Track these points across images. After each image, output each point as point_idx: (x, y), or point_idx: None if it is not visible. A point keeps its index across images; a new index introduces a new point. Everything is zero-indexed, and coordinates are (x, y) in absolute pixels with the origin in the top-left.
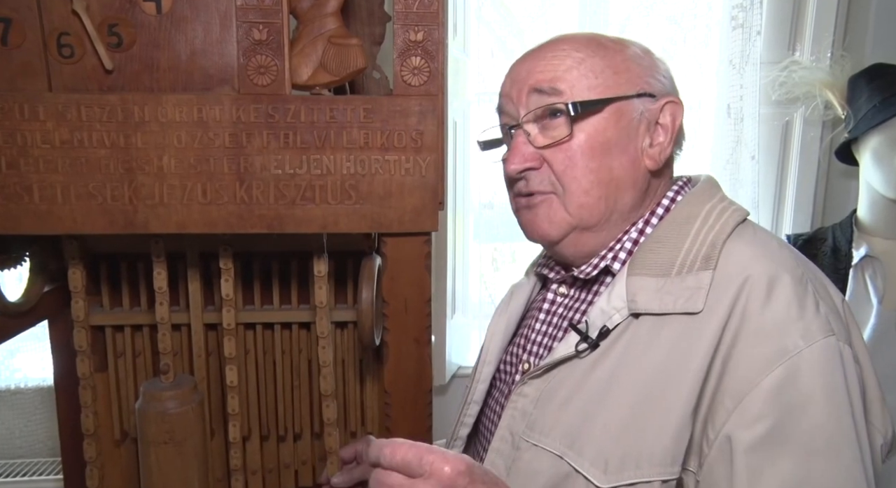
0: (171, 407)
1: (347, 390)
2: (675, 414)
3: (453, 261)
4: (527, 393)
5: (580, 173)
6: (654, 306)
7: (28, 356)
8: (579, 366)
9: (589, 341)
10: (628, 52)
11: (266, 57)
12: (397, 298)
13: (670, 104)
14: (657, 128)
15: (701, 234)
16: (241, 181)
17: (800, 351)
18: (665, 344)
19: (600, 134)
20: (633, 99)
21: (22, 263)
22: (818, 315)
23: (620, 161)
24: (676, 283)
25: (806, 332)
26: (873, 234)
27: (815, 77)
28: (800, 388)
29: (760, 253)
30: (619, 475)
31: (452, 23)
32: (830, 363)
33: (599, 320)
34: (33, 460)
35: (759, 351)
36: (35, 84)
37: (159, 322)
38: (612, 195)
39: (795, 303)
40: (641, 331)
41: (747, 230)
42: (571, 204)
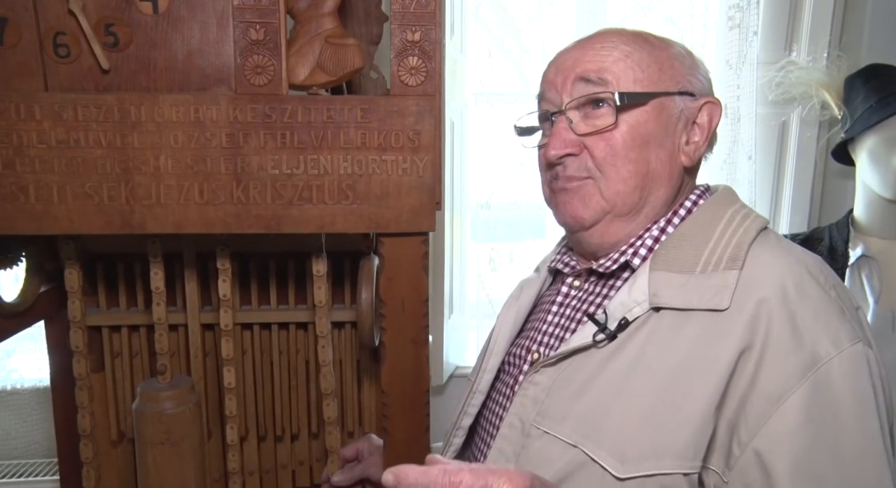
0: (168, 408)
1: (345, 390)
2: (698, 408)
3: (451, 261)
4: (539, 381)
5: (620, 162)
6: (678, 301)
7: (24, 356)
8: (596, 356)
9: (607, 332)
10: (673, 50)
11: (263, 57)
12: (394, 298)
13: (709, 104)
14: (694, 127)
15: (725, 236)
16: (238, 181)
17: (831, 358)
18: (688, 338)
19: (642, 126)
20: (675, 96)
21: (18, 263)
22: (844, 320)
23: (658, 154)
24: (701, 281)
25: (836, 339)
26: (869, 234)
27: (812, 77)
28: (832, 396)
29: (786, 258)
30: (639, 466)
31: (450, 23)
32: (860, 369)
33: (619, 312)
34: (30, 461)
35: (792, 358)
36: (31, 84)
37: (156, 322)
38: (648, 186)
39: (823, 309)
40: (663, 325)
41: (770, 236)
42: (608, 190)
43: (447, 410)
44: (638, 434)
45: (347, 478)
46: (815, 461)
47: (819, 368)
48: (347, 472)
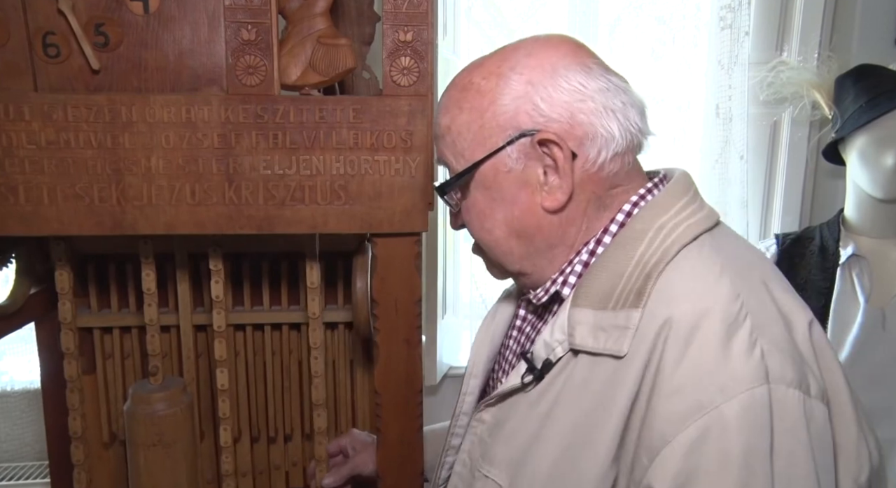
0: (160, 410)
1: (338, 391)
2: (596, 463)
3: (444, 261)
4: (484, 419)
5: (478, 234)
6: (589, 343)
7: (14, 358)
8: (524, 400)
9: (534, 373)
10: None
11: (255, 57)
12: (387, 299)
13: (543, 140)
14: (546, 168)
15: (644, 258)
16: (230, 182)
17: (716, 406)
18: (595, 387)
19: (475, 203)
20: (502, 150)
21: (8, 265)
22: (748, 360)
23: (513, 213)
24: (610, 319)
25: (726, 384)
26: (860, 233)
27: (803, 77)
28: (712, 452)
29: (691, 286)
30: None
31: (442, 23)
32: (753, 420)
33: (543, 352)
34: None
35: (674, 406)
36: (20, 84)
37: (148, 323)
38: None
39: (719, 348)
40: (578, 370)
41: (693, 252)
42: (495, 259)
43: (441, 410)
44: (547, 485)
45: (337, 479)
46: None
47: (701, 418)
48: (335, 474)
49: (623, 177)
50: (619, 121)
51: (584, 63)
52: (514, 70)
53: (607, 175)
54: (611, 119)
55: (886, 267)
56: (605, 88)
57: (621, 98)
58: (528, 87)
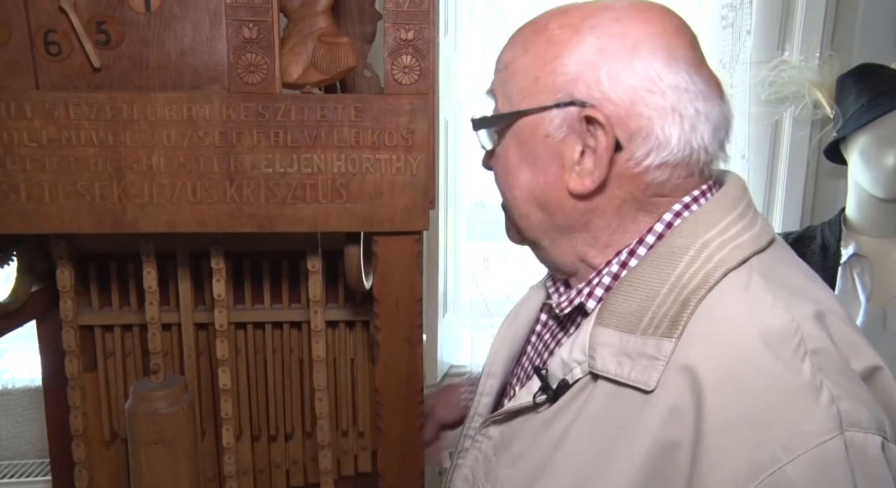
0: (162, 408)
1: (339, 389)
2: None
3: (445, 260)
4: (491, 435)
5: (501, 189)
6: (612, 369)
7: (16, 356)
8: (534, 421)
9: (548, 393)
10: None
11: (256, 55)
12: (388, 297)
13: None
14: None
15: (682, 281)
16: (231, 180)
17: (780, 465)
18: (615, 421)
19: (505, 154)
20: (551, 110)
21: (9, 263)
22: (815, 406)
23: (538, 181)
24: (638, 345)
25: (790, 438)
26: (861, 233)
27: (804, 77)
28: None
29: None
30: None
31: (443, 21)
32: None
33: (560, 372)
34: (21, 461)
35: (728, 467)
36: (21, 82)
37: (149, 322)
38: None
39: (781, 396)
40: (597, 396)
41: (740, 277)
42: (510, 216)
43: None
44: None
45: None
46: None
47: (762, 480)
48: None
49: (669, 188)
50: (684, 129)
51: (673, 51)
52: (593, 30)
53: (650, 181)
54: (674, 123)
55: (888, 266)
56: (683, 88)
57: (697, 105)
58: (598, 56)
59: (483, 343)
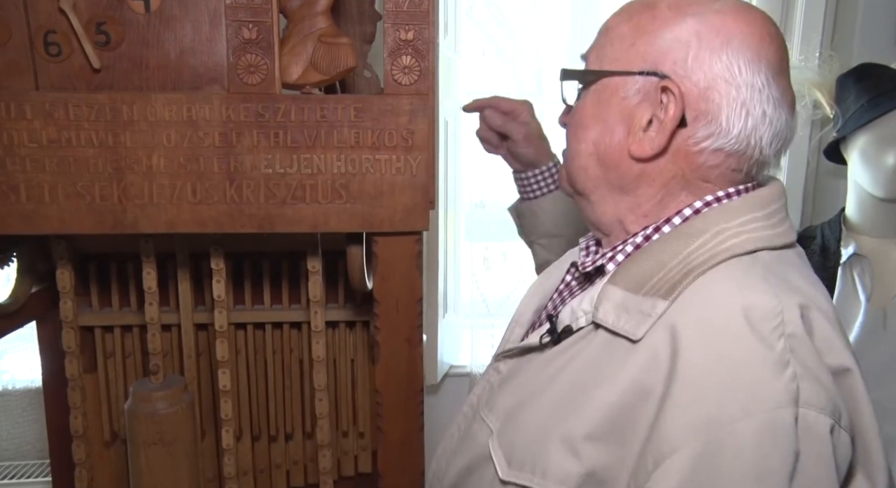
0: (161, 408)
1: (339, 389)
2: (578, 432)
3: (445, 260)
4: (501, 369)
5: (570, 141)
6: (609, 320)
7: (16, 357)
8: (538, 359)
9: (553, 336)
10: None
11: (256, 56)
12: (388, 298)
13: (666, 89)
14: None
15: (692, 256)
16: (231, 180)
17: (733, 422)
18: (603, 363)
19: (583, 108)
20: (635, 76)
21: (9, 264)
22: (778, 379)
23: (605, 140)
24: (637, 302)
25: (749, 401)
26: (861, 233)
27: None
28: (719, 471)
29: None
30: (518, 473)
31: (443, 22)
32: (773, 443)
33: (567, 318)
34: (21, 462)
35: (688, 415)
36: (21, 82)
37: (149, 322)
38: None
39: (748, 363)
40: (595, 342)
41: (742, 263)
42: (569, 166)
43: (442, 410)
44: (528, 443)
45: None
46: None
47: (712, 431)
48: (498, 117)
49: (716, 176)
50: (746, 125)
51: (760, 53)
52: (695, 16)
53: (701, 163)
54: (739, 117)
55: (888, 266)
56: (758, 88)
57: (766, 108)
58: (692, 38)
59: (483, 343)
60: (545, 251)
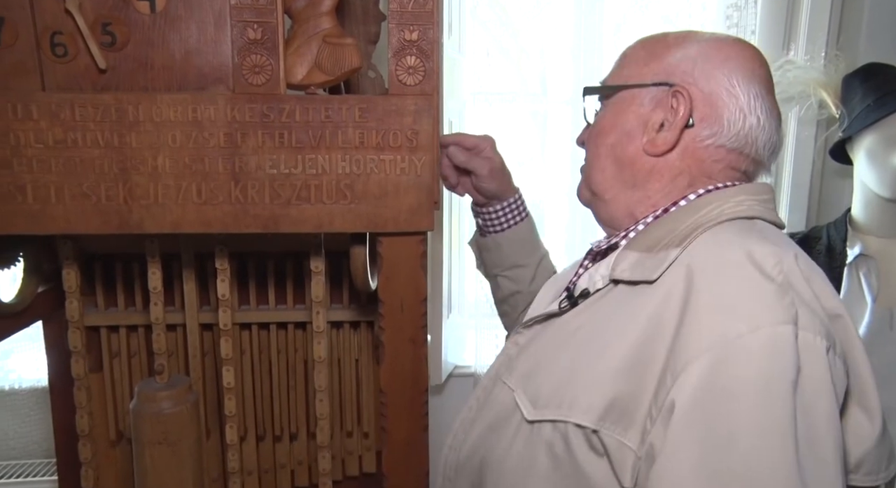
0: (166, 408)
1: (343, 389)
2: (604, 368)
3: (449, 260)
4: (518, 341)
5: (589, 149)
6: (627, 274)
7: (22, 357)
8: (558, 322)
9: (570, 301)
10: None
11: (261, 56)
12: (393, 298)
13: (676, 93)
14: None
15: (699, 220)
16: (236, 181)
17: (741, 335)
18: (626, 308)
19: (604, 118)
20: (648, 87)
21: (16, 264)
22: (779, 302)
23: (623, 142)
24: (651, 256)
25: (754, 316)
26: (867, 233)
27: (810, 76)
28: (729, 378)
29: (731, 243)
30: (544, 411)
31: (448, 22)
32: (777, 352)
33: (584, 283)
34: (28, 461)
35: (701, 332)
36: (28, 83)
37: (154, 322)
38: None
39: (751, 288)
40: (614, 295)
41: (747, 223)
42: (587, 172)
43: (446, 410)
44: (554, 383)
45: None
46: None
47: (723, 345)
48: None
49: (717, 172)
50: (744, 126)
51: (754, 72)
52: (698, 42)
53: (706, 158)
54: (738, 119)
55: (894, 266)
56: (753, 98)
57: (760, 114)
58: (697, 55)
59: (487, 343)
60: (511, 282)
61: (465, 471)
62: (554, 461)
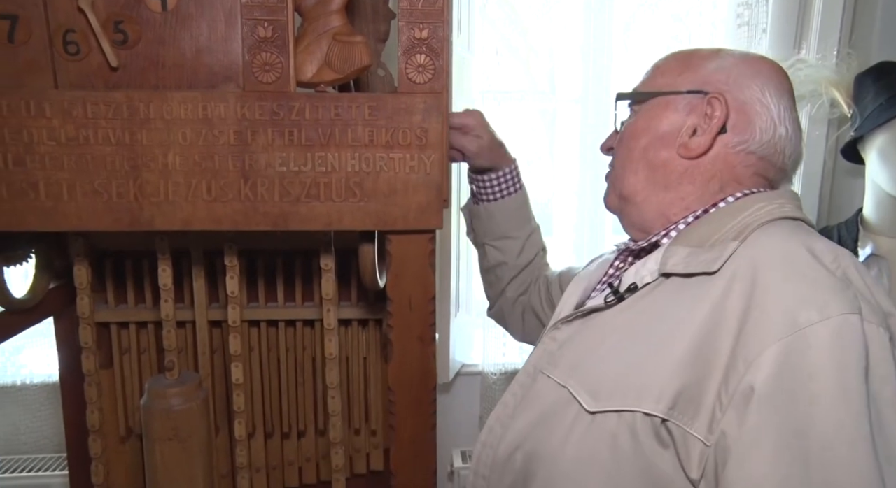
0: (176, 404)
1: (352, 387)
2: (668, 358)
3: (457, 259)
4: (556, 337)
5: (621, 153)
6: (681, 267)
7: (33, 352)
8: (604, 316)
9: (617, 295)
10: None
11: (271, 54)
12: (401, 296)
13: (713, 99)
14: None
15: (746, 220)
16: (245, 178)
17: (812, 324)
18: (682, 299)
19: (636, 123)
20: (683, 95)
21: (28, 260)
22: (844, 294)
23: (657, 147)
24: (706, 250)
25: (823, 307)
26: (879, 233)
27: (821, 75)
28: (805, 362)
29: (789, 238)
30: (608, 402)
31: (457, 20)
32: (848, 340)
33: (631, 278)
34: (39, 456)
35: (773, 320)
36: (41, 81)
37: (164, 319)
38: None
39: (817, 280)
40: (667, 289)
41: (789, 224)
42: (617, 174)
43: (454, 408)
44: (614, 375)
45: None
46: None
47: (797, 332)
48: None
49: (747, 178)
50: (774, 135)
51: (781, 85)
52: (731, 55)
53: (737, 164)
54: (768, 128)
55: None
56: (783, 110)
57: (788, 125)
58: (731, 67)
59: (495, 342)
60: (498, 253)
61: (505, 468)
62: (617, 452)
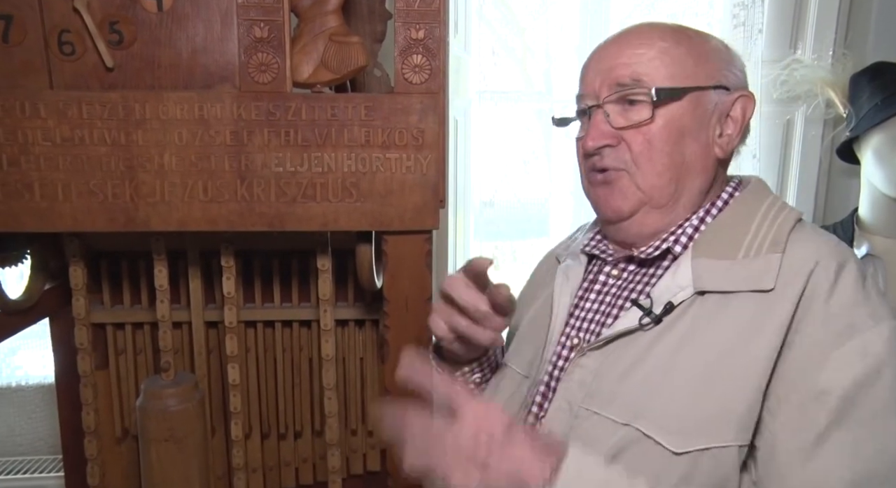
0: (172, 405)
1: (348, 388)
2: (748, 385)
3: (454, 259)
4: (585, 364)
5: (656, 155)
6: (722, 284)
7: (29, 353)
8: (642, 339)
9: (652, 315)
10: (709, 44)
11: (267, 54)
12: (398, 296)
13: (742, 98)
14: (727, 120)
15: (764, 225)
16: (241, 179)
17: (869, 328)
18: (734, 319)
19: (677, 120)
20: (710, 90)
21: (23, 261)
22: (882, 301)
23: (692, 147)
24: (745, 265)
25: (874, 313)
26: (874, 233)
27: (817, 75)
28: (872, 357)
29: (825, 242)
30: (696, 440)
31: (453, 21)
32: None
33: (665, 296)
34: (34, 457)
35: (830, 328)
36: (36, 81)
37: (160, 320)
38: (682, 178)
39: (861, 287)
40: (707, 307)
41: (807, 226)
42: (644, 183)
43: None
44: (691, 410)
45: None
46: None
47: (857, 334)
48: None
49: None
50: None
51: None
52: (712, 37)
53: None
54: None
55: None
56: None
57: None
58: (728, 54)
59: None
60: None
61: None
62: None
